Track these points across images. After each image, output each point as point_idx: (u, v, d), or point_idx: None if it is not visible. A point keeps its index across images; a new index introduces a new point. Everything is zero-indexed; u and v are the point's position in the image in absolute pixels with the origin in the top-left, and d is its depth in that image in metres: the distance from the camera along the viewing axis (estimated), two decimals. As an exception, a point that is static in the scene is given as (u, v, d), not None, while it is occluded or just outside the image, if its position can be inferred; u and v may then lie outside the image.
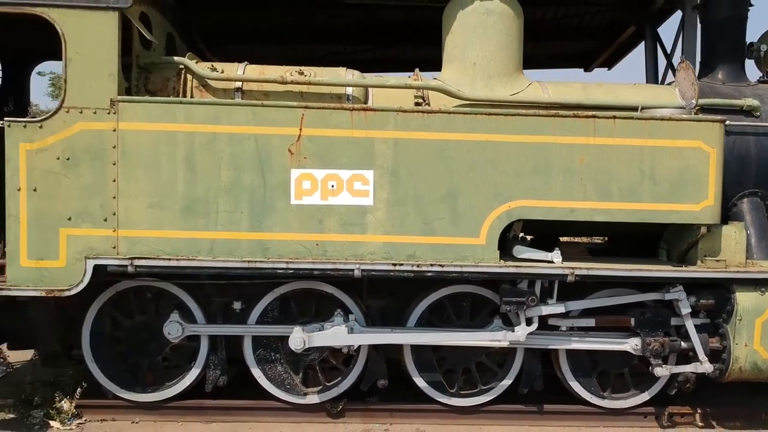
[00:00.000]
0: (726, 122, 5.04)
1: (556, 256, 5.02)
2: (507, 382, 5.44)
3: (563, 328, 5.30)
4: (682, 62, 5.54)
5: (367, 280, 5.19)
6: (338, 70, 5.42)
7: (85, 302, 5.18)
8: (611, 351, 5.32)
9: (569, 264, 5.01)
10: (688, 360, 5.26)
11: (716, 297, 5.13)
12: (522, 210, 4.91)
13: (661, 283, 5.16)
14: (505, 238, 5.07)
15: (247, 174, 4.78)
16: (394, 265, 4.87)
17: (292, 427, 5.29)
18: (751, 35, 10.53)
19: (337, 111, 4.82)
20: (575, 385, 5.44)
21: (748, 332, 5.02)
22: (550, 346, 5.29)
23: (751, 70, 6.09)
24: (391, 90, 5.43)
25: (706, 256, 5.11)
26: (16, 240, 4.70)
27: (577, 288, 5.16)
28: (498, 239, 4.93)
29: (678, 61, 7.39)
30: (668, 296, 5.13)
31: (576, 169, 4.89)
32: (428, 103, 5.37)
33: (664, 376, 5.30)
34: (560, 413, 5.46)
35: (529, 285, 5.08)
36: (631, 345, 5.21)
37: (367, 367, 5.39)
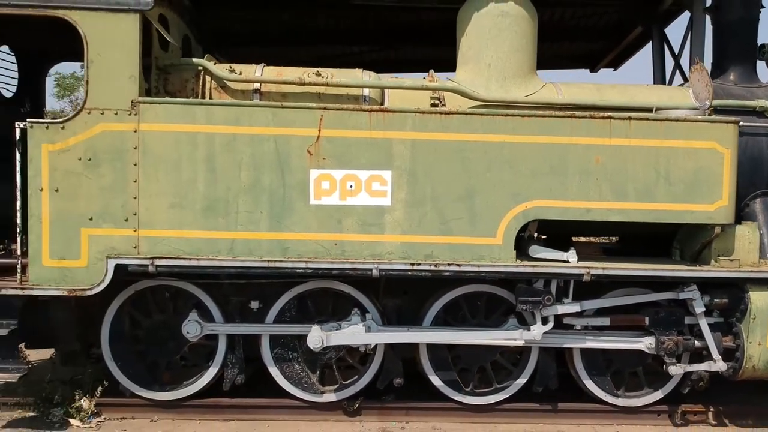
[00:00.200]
0: (740, 123, 5.10)
1: (571, 255, 5.06)
2: (522, 381, 5.49)
3: (578, 327, 5.34)
4: (695, 64, 5.59)
5: (383, 280, 5.24)
6: (355, 71, 5.46)
7: (105, 301, 5.23)
8: (625, 350, 5.37)
9: (585, 264, 5.05)
10: (701, 359, 5.31)
11: (730, 296, 5.18)
12: (538, 210, 4.96)
13: (675, 283, 5.21)
14: (519, 238, 5.11)
15: (266, 174, 4.83)
16: (412, 264, 4.92)
17: (309, 425, 5.33)
18: (763, 37, 10.58)
19: (355, 112, 4.87)
20: (589, 384, 5.49)
21: (762, 331, 5.07)
22: (565, 345, 5.34)
23: (762, 71, 6.17)
24: (407, 91, 5.48)
25: (720, 256, 5.15)
26: (38, 240, 4.75)
27: (591, 287, 5.20)
28: (514, 239, 4.98)
29: (687, 62, 7.49)
30: (682, 295, 5.18)
31: (592, 170, 4.94)
32: (444, 104, 5.41)
33: (678, 374, 5.35)
34: (574, 411, 5.51)
35: (544, 284, 5.13)
36: (646, 344, 5.26)
37: (384, 366, 5.44)
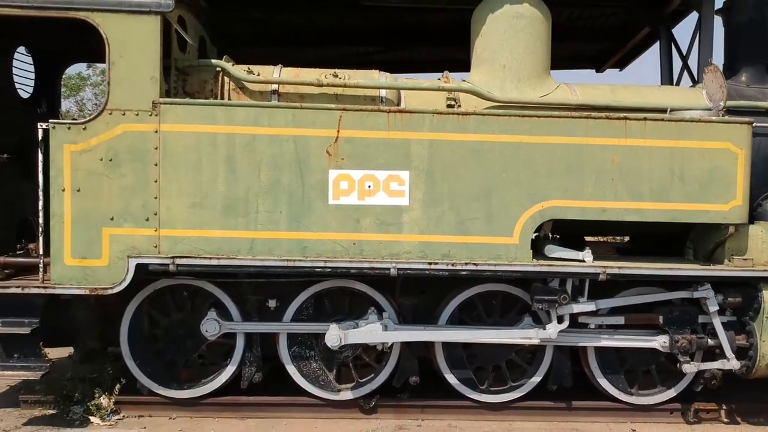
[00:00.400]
0: (753, 124, 5.15)
1: (587, 255, 5.10)
2: (536, 379, 5.54)
3: (592, 326, 5.40)
4: (709, 65, 5.64)
5: (400, 279, 5.28)
6: (371, 72, 5.50)
7: (123, 300, 5.27)
8: (638, 348, 5.43)
9: (601, 263, 5.10)
10: (714, 357, 5.37)
11: (743, 295, 5.24)
12: (554, 210, 5.01)
13: (688, 282, 5.26)
14: (534, 237, 5.14)
15: (286, 174, 4.88)
16: (430, 264, 4.98)
17: (326, 422, 5.38)
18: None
19: (374, 113, 4.92)
20: (603, 382, 5.54)
21: (775, 329, 5.13)
22: (580, 344, 5.39)
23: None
24: (422, 92, 5.53)
25: (734, 255, 5.21)
26: (60, 239, 4.79)
27: (605, 286, 5.26)
28: (530, 239, 5.03)
29: (694, 62, 7.54)
30: (696, 294, 5.23)
31: (608, 170, 4.99)
32: (459, 104, 5.47)
33: (691, 372, 5.40)
34: (588, 409, 5.56)
35: (560, 283, 5.19)
36: (660, 342, 5.31)
37: (399, 364, 5.49)
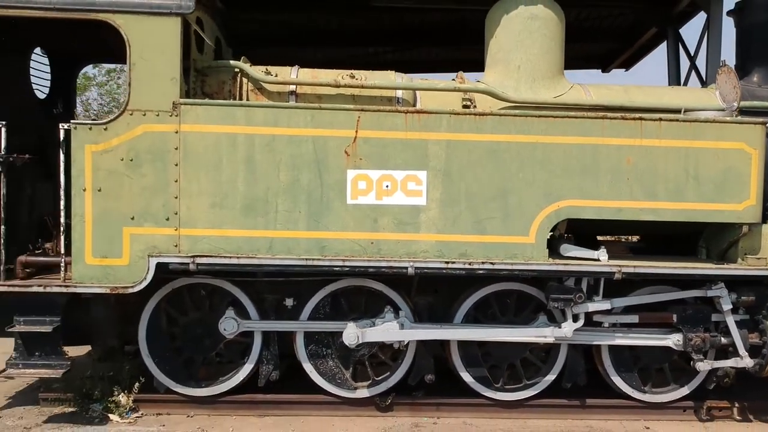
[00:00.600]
0: (767, 124, 5.19)
1: (602, 254, 5.15)
2: (551, 377, 5.59)
3: (605, 325, 5.44)
4: (723, 66, 5.68)
5: (416, 278, 5.33)
6: (387, 73, 5.55)
7: (143, 299, 5.32)
8: (652, 346, 5.47)
9: (616, 262, 5.15)
10: (727, 355, 5.41)
11: (756, 294, 5.28)
12: (570, 209, 5.06)
13: (702, 281, 5.31)
14: (549, 236, 5.18)
15: (304, 174, 4.93)
16: (447, 263, 5.02)
17: (343, 420, 5.43)
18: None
19: (392, 114, 4.97)
20: (617, 380, 5.59)
21: (788, 328, 5.18)
22: (594, 342, 5.44)
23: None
24: (438, 92, 5.58)
25: (747, 255, 5.26)
26: (81, 239, 4.85)
27: (619, 285, 5.29)
28: (546, 238, 5.08)
29: (702, 63, 7.58)
30: (710, 293, 5.28)
31: (623, 170, 5.03)
32: (475, 105, 5.51)
33: (704, 370, 5.44)
34: (602, 407, 5.60)
35: (575, 282, 5.23)
36: (673, 340, 5.36)
37: (415, 363, 5.53)
